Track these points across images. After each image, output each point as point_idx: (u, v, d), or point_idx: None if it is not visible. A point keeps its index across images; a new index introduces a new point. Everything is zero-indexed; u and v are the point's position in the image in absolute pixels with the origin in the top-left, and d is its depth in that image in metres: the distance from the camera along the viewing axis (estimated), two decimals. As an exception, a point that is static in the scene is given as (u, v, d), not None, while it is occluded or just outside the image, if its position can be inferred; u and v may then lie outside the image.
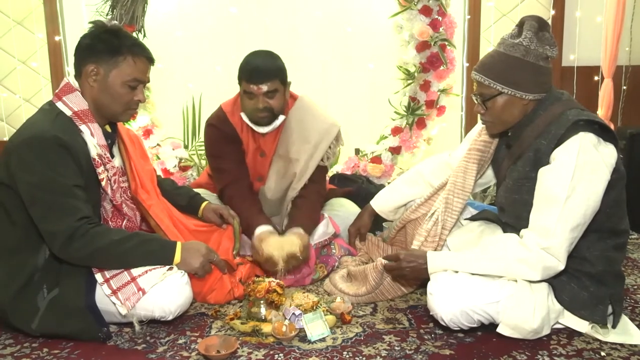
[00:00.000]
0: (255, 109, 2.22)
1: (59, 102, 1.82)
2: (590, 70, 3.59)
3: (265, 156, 2.39)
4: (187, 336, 1.79)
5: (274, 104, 2.22)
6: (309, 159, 2.34)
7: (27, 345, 1.74)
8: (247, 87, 2.20)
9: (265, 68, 2.18)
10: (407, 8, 3.09)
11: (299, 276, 2.20)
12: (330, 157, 2.42)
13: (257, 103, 2.20)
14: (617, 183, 1.69)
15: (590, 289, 1.71)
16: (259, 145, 2.38)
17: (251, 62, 2.22)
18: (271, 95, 2.21)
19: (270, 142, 2.39)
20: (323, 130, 2.36)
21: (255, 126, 2.29)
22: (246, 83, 2.20)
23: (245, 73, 2.20)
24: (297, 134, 2.35)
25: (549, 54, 1.74)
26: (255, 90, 2.18)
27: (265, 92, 2.19)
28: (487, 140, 2.00)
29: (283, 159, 2.37)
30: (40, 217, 1.70)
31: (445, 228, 1.99)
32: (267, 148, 2.39)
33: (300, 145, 2.34)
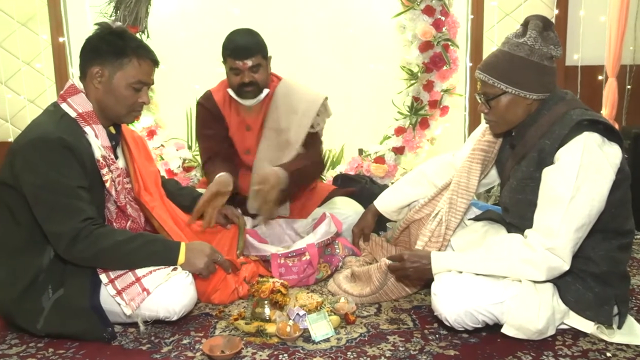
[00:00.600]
0: (241, 83, 2.39)
1: (63, 103, 1.83)
2: (594, 69, 3.58)
3: (251, 130, 2.52)
4: (191, 336, 1.79)
5: (258, 78, 2.40)
6: (298, 127, 2.47)
7: (33, 346, 1.75)
8: (232, 63, 2.36)
9: (248, 45, 2.36)
10: (410, 8, 3.09)
11: (303, 276, 2.21)
12: (320, 124, 2.53)
13: (243, 77, 2.37)
14: (622, 183, 1.68)
15: (595, 290, 1.71)
16: (244, 120, 2.52)
17: (234, 40, 2.38)
18: (255, 69, 2.38)
19: (254, 116, 2.52)
20: (310, 99, 2.51)
21: (242, 100, 2.44)
22: (231, 60, 2.36)
23: (230, 51, 2.36)
24: (285, 106, 2.49)
25: (553, 53, 1.73)
26: (240, 65, 2.35)
27: (250, 67, 2.36)
28: (491, 140, 2.00)
29: (274, 130, 2.49)
30: (45, 218, 1.71)
31: (449, 228, 1.99)
32: (252, 122, 2.52)
33: (288, 116, 2.48)
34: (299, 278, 2.20)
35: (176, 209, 2.13)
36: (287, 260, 2.22)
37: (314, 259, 2.21)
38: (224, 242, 2.19)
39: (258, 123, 2.51)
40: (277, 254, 2.22)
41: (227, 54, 2.38)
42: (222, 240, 2.19)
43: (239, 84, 2.39)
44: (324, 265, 2.27)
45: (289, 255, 2.23)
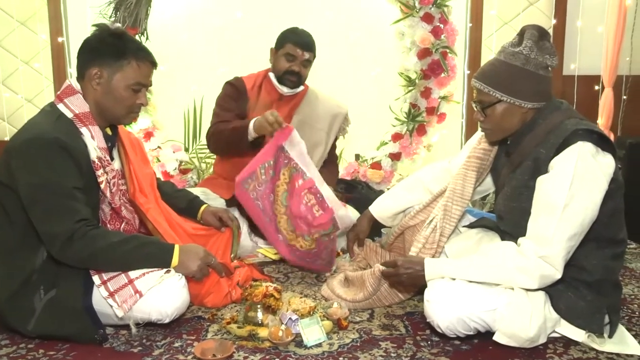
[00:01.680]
0: (290, 71, 2.58)
1: (60, 104, 1.83)
2: (591, 79, 3.60)
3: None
4: (183, 339, 1.79)
5: (304, 72, 2.62)
6: (329, 129, 2.72)
7: (23, 346, 1.74)
8: (292, 49, 2.56)
9: (312, 41, 2.61)
10: (409, 15, 3.11)
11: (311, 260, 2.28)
12: (344, 131, 2.82)
13: (293, 66, 2.57)
14: (615, 193, 1.69)
15: (587, 298, 1.71)
16: (272, 105, 2.63)
17: (300, 32, 2.61)
18: (306, 64, 2.61)
19: (284, 106, 2.66)
20: (338, 106, 2.79)
21: (280, 85, 2.63)
22: (292, 46, 2.56)
23: (294, 39, 2.57)
24: (317, 107, 2.71)
25: (549, 63, 1.74)
26: (299, 54, 2.56)
27: (304, 60, 2.58)
28: (487, 148, 2.01)
29: (307, 125, 2.65)
30: (39, 218, 1.70)
31: (444, 235, 1.99)
32: (280, 110, 2.56)
33: (321, 116, 2.70)
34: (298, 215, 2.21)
35: (171, 212, 2.13)
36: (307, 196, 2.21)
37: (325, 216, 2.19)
38: (218, 245, 2.19)
39: (285, 112, 2.64)
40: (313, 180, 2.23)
41: (289, 41, 2.57)
42: (216, 244, 2.19)
43: (286, 70, 2.58)
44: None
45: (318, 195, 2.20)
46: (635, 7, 3.52)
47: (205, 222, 2.22)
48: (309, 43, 2.59)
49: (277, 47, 2.63)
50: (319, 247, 2.26)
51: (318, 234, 2.23)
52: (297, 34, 2.60)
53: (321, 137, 2.69)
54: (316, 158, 2.64)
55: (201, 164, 3.27)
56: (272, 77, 2.66)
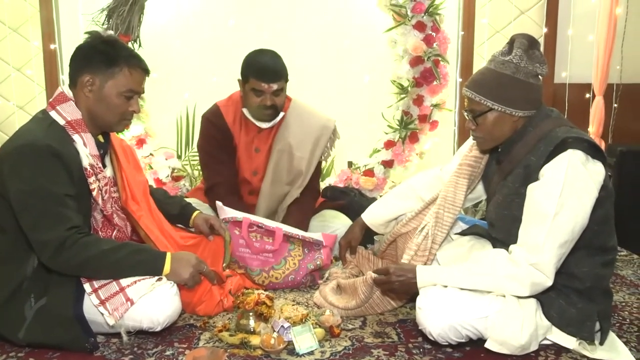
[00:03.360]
0: (262, 106, 2.36)
1: (52, 111, 1.82)
2: (582, 87, 3.63)
3: (260, 151, 2.51)
4: (175, 347, 1.78)
5: (278, 102, 2.39)
6: (310, 156, 2.50)
7: (13, 355, 1.73)
8: (257, 84, 2.32)
9: (275, 68, 2.33)
10: (402, 23, 3.13)
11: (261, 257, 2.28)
12: (329, 153, 2.61)
13: (265, 100, 2.34)
14: (605, 200, 1.70)
15: (578, 306, 1.72)
16: (252, 141, 2.50)
17: (261, 61, 2.33)
18: (278, 93, 2.36)
19: (264, 138, 2.51)
20: (321, 125, 2.53)
21: (258, 122, 2.43)
22: (256, 81, 2.31)
23: (256, 72, 2.31)
24: (297, 129, 2.49)
25: (539, 71, 1.76)
26: (265, 88, 2.32)
27: (274, 91, 2.33)
28: (478, 156, 2.02)
29: (286, 153, 2.49)
30: (30, 225, 1.69)
31: (436, 242, 2.00)
32: (261, 144, 2.50)
33: (300, 141, 2.49)
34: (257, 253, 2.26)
35: (163, 219, 2.12)
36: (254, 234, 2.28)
37: (277, 240, 2.26)
38: (207, 254, 2.18)
39: (267, 145, 2.50)
40: (248, 219, 2.26)
41: (252, 75, 2.32)
42: (205, 252, 2.18)
43: (258, 106, 2.36)
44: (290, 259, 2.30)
45: (259, 225, 2.27)
46: (625, 15, 3.55)
47: (196, 228, 2.21)
48: (274, 72, 2.31)
49: (242, 79, 2.39)
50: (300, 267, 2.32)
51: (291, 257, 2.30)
52: (259, 64, 2.32)
53: (300, 168, 2.50)
54: (294, 188, 2.52)
55: (194, 171, 3.26)
56: (247, 114, 2.45)
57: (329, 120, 2.56)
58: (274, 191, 2.50)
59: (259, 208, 2.54)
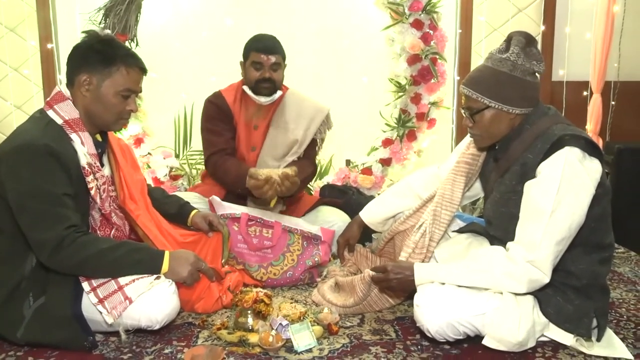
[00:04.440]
0: (261, 78, 2.50)
1: (50, 110, 1.82)
2: (580, 85, 3.63)
3: (258, 129, 2.60)
4: (173, 346, 1.78)
5: (276, 77, 2.52)
6: (305, 130, 2.60)
7: (12, 354, 1.73)
8: (256, 56, 2.48)
9: (274, 43, 2.54)
10: (399, 21, 3.13)
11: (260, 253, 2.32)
12: (322, 133, 2.69)
13: (263, 73, 2.49)
14: (602, 198, 1.71)
15: (575, 302, 1.73)
16: (251, 119, 2.60)
17: (260, 38, 2.55)
18: (275, 67, 2.51)
19: (263, 116, 2.60)
20: (317, 108, 2.66)
21: (256, 96, 2.55)
22: (256, 53, 2.49)
23: (256, 46, 2.50)
24: (294, 109, 2.63)
25: (536, 69, 1.76)
26: (264, 60, 2.48)
27: (272, 64, 2.48)
28: (475, 154, 2.02)
29: (282, 128, 2.59)
30: (29, 225, 1.69)
31: (433, 240, 2.00)
32: (259, 121, 2.60)
33: (297, 118, 2.60)
34: (255, 250, 2.29)
35: (161, 218, 2.12)
36: (252, 228, 2.31)
37: (276, 235, 2.30)
38: (206, 251, 2.18)
39: (265, 122, 2.61)
40: (247, 215, 2.31)
41: (253, 48, 2.51)
42: (204, 249, 2.18)
43: (257, 79, 2.50)
44: (289, 254, 2.33)
45: (258, 220, 2.31)
46: (623, 13, 3.56)
47: (195, 226, 2.21)
48: (272, 46, 2.51)
49: (244, 58, 2.57)
50: (298, 262, 2.33)
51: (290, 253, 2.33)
52: (258, 41, 2.53)
53: (295, 138, 2.58)
54: (288, 155, 2.57)
55: (192, 170, 3.26)
56: (247, 90, 2.57)
57: (323, 106, 2.70)
58: (267, 164, 2.55)
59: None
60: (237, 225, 2.31)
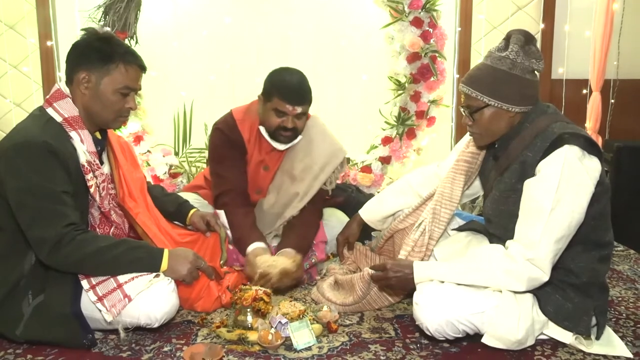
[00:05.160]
0: (282, 127, 2.23)
1: (49, 108, 1.82)
2: (579, 83, 3.63)
3: (269, 170, 2.40)
4: (172, 344, 1.79)
5: (299, 125, 2.27)
6: (313, 180, 2.35)
7: (11, 352, 1.74)
8: (281, 105, 2.19)
9: (303, 92, 2.22)
10: (399, 19, 3.12)
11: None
12: (333, 182, 2.43)
13: (286, 122, 2.22)
14: (601, 196, 1.71)
15: (574, 301, 1.73)
16: (264, 159, 2.38)
17: (289, 82, 2.21)
18: (300, 116, 2.25)
19: (276, 157, 2.39)
20: (330, 153, 2.38)
21: (273, 142, 2.30)
22: (281, 102, 2.19)
23: (281, 92, 2.19)
24: (305, 153, 2.36)
25: (535, 67, 1.76)
26: (289, 110, 2.20)
27: (297, 114, 2.22)
28: (475, 152, 2.02)
29: (287, 175, 2.37)
30: (28, 223, 1.69)
31: (433, 238, 2.00)
32: (272, 162, 2.39)
33: (306, 166, 2.35)
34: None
35: (160, 216, 2.12)
36: None
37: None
38: (204, 250, 2.18)
39: (277, 164, 2.40)
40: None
41: (277, 94, 2.20)
42: (202, 249, 2.18)
43: (278, 127, 2.24)
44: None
45: None
46: (622, 11, 3.56)
47: (193, 226, 2.22)
48: (301, 95, 2.20)
49: (264, 97, 2.25)
50: None
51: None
52: (285, 86, 2.19)
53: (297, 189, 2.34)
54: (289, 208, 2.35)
55: (191, 168, 3.26)
56: (264, 132, 2.29)
57: (339, 150, 2.41)
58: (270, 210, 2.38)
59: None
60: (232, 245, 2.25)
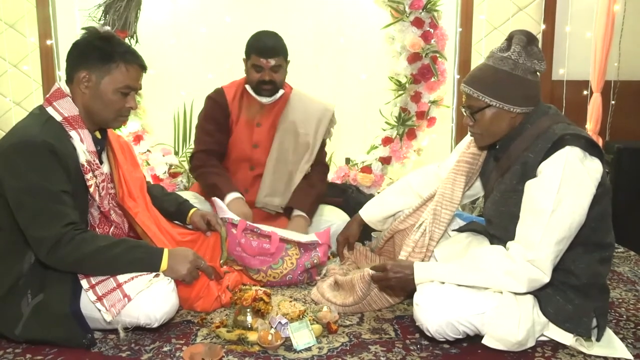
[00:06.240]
0: (261, 81, 2.53)
1: (49, 107, 1.82)
2: (580, 84, 3.62)
3: (262, 126, 2.63)
4: (172, 344, 1.78)
5: (277, 78, 2.55)
6: (315, 133, 2.65)
7: (10, 351, 1.73)
8: (256, 60, 2.50)
9: (275, 45, 2.52)
10: (400, 20, 3.12)
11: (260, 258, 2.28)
12: (330, 133, 2.76)
13: (263, 75, 2.52)
14: (602, 197, 1.70)
15: (575, 302, 1.72)
16: (254, 116, 2.63)
17: (261, 39, 2.53)
18: (276, 69, 2.53)
19: (266, 113, 2.64)
20: (323, 107, 2.71)
21: (258, 97, 2.60)
22: (256, 57, 2.50)
23: (256, 48, 2.51)
24: (301, 110, 2.65)
25: (537, 68, 1.76)
26: (264, 64, 2.50)
27: (272, 66, 2.50)
28: (476, 153, 2.02)
29: (291, 133, 2.62)
30: (27, 222, 1.69)
31: (433, 239, 2.00)
32: (263, 119, 2.63)
33: (306, 121, 2.64)
34: (254, 255, 2.26)
35: (160, 216, 2.12)
36: (251, 234, 2.28)
37: (274, 244, 2.27)
38: (204, 250, 2.18)
39: (269, 120, 2.63)
40: (244, 222, 2.29)
41: (253, 51, 2.51)
42: (202, 248, 2.18)
43: (258, 81, 2.53)
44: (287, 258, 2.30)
45: (254, 230, 2.28)
46: (623, 12, 3.55)
47: (194, 225, 2.21)
48: (273, 48, 2.50)
49: (246, 56, 2.58)
50: (297, 265, 2.32)
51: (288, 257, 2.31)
52: (259, 41, 2.52)
53: (307, 142, 2.64)
54: (303, 162, 2.63)
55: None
56: (249, 89, 2.62)
57: (329, 104, 2.74)
58: (279, 168, 2.58)
59: (264, 185, 2.58)
60: (235, 230, 2.28)
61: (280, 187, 2.59)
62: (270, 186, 2.58)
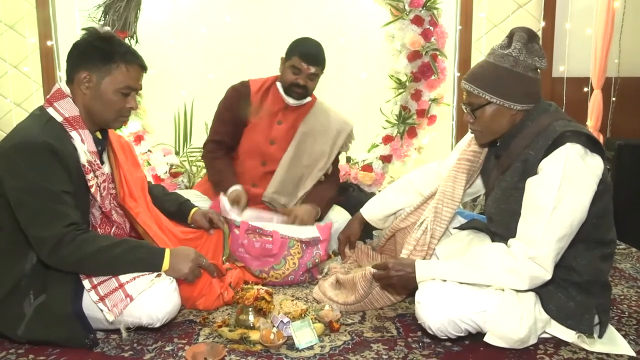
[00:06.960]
0: (295, 84, 2.56)
1: (50, 107, 1.82)
2: (580, 81, 3.62)
3: (282, 124, 2.65)
4: (174, 343, 1.78)
5: (310, 85, 2.61)
6: (332, 144, 2.70)
7: (13, 352, 1.73)
8: (298, 63, 2.54)
9: (318, 54, 2.58)
10: (399, 18, 3.12)
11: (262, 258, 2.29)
12: (346, 148, 2.82)
13: (299, 79, 2.56)
14: (603, 194, 1.70)
15: (577, 299, 1.72)
16: (278, 114, 2.65)
17: (307, 45, 2.59)
18: (313, 77, 2.58)
19: (290, 114, 2.66)
20: (343, 122, 2.77)
21: (286, 97, 2.63)
22: (298, 59, 2.54)
23: (300, 52, 2.55)
24: (322, 120, 2.70)
25: (537, 65, 1.75)
26: (304, 68, 2.54)
27: (310, 73, 2.55)
28: (477, 150, 2.02)
29: (310, 137, 2.66)
30: (28, 222, 1.69)
31: (434, 237, 2.00)
32: (285, 119, 2.65)
33: (325, 131, 2.68)
34: (256, 256, 2.26)
35: (161, 216, 2.12)
36: (253, 235, 2.29)
37: (276, 243, 2.27)
38: (207, 247, 2.19)
39: (291, 120, 2.65)
40: (246, 223, 2.30)
41: (296, 53, 2.54)
42: (205, 246, 2.18)
43: (292, 82, 2.56)
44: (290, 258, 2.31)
45: (256, 230, 2.30)
46: (623, 9, 3.55)
47: (195, 224, 2.21)
48: (316, 56, 2.55)
49: (286, 57, 2.61)
50: (299, 266, 2.32)
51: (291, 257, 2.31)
52: (305, 46, 2.57)
53: (324, 150, 2.66)
54: (317, 169, 2.64)
55: (192, 167, 3.26)
56: (279, 87, 2.65)
57: (348, 121, 2.78)
58: (292, 168, 2.60)
59: (274, 180, 2.58)
60: (238, 231, 2.30)
61: (289, 187, 2.59)
62: (280, 183, 2.58)
